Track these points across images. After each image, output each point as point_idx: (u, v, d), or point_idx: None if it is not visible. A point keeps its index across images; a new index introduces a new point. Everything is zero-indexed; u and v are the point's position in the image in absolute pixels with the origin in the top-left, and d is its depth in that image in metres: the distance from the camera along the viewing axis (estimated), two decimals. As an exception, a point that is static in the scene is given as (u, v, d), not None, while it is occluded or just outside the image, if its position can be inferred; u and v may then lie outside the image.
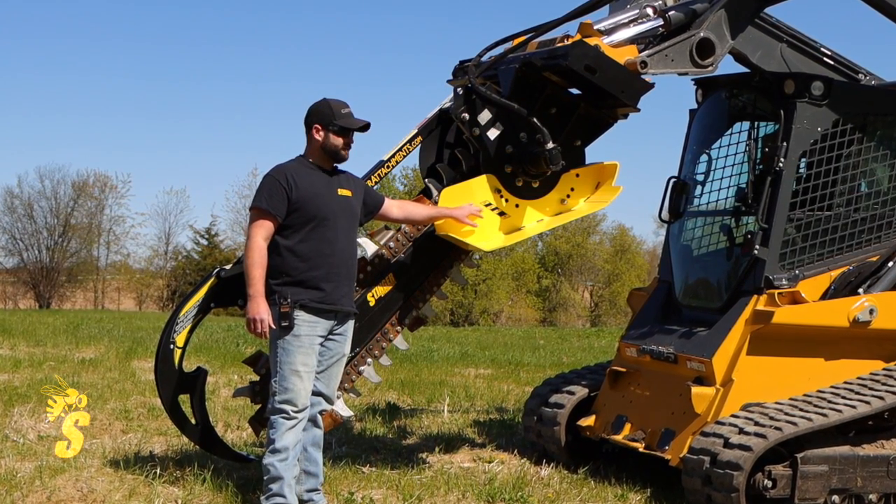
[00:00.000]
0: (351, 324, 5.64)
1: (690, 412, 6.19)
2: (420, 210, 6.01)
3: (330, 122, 5.49)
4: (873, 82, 7.05)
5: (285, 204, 5.38)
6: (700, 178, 6.96)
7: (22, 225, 44.32)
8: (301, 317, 5.37)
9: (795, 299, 6.28)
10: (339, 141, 5.51)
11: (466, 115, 5.99)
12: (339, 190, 5.55)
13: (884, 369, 6.49)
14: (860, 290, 6.40)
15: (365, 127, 5.57)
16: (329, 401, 5.64)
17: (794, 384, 6.29)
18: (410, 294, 6.30)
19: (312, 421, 5.57)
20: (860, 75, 7.00)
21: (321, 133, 5.51)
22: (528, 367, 14.13)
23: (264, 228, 5.38)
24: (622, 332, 7.35)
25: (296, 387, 5.36)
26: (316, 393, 5.54)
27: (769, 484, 5.76)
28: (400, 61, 77.44)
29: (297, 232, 5.41)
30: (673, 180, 7.01)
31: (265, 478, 5.39)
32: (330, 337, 5.52)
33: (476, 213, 5.96)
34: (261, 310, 5.31)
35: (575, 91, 6.17)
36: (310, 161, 5.56)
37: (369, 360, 6.26)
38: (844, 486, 5.95)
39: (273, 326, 5.33)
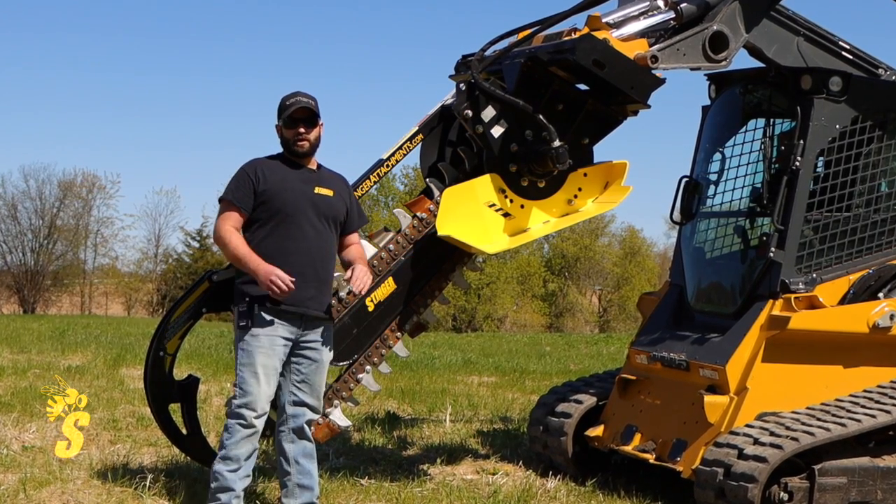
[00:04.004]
0: (325, 328, 5.43)
1: (703, 422, 6.08)
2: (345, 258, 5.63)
3: (280, 115, 5.38)
4: (894, 77, 6.91)
5: (251, 197, 5.27)
6: (713, 177, 6.86)
7: (5, 226, 43.51)
8: (260, 317, 5.21)
9: (812, 304, 6.18)
10: (289, 133, 5.36)
11: (469, 112, 5.86)
12: (316, 188, 5.37)
13: (905, 377, 6.36)
14: (880, 295, 6.28)
15: (303, 110, 5.32)
16: (314, 410, 5.45)
17: (811, 392, 6.19)
18: (411, 299, 6.15)
19: (298, 432, 5.39)
20: (880, 70, 6.86)
21: (279, 128, 5.41)
22: (533, 375, 14.01)
23: (231, 219, 5.27)
24: (632, 338, 7.26)
25: (254, 390, 5.21)
26: (299, 403, 5.37)
27: (785, 497, 5.67)
28: (400, 56, 77.16)
29: (262, 227, 5.28)
30: (685, 180, 6.91)
31: (213, 485, 5.25)
32: (302, 345, 5.34)
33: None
34: (267, 270, 5.10)
35: (583, 87, 6.06)
36: (285, 157, 5.44)
37: (368, 367, 6.11)
38: (864, 499, 5.85)
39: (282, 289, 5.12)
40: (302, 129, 5.32)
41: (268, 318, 5.22)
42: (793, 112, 6.30)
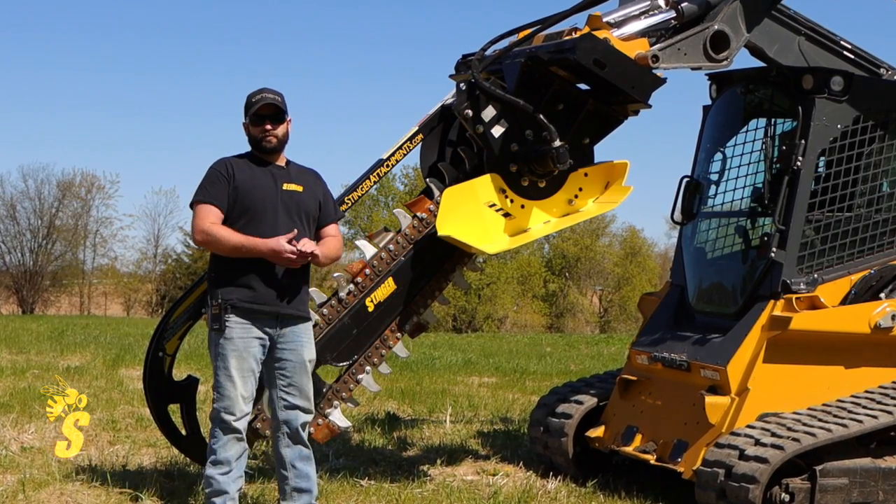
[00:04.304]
0: (303, 327, 5.35)
1: (704, 422, 6.05)
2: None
3: (246, 112, 5.33)
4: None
5: (226, 194, 5.22)
6: (714, 177, 6.82)
7: (4, 226, 43.26)
8: (232, 318, 5.17)
9: (814, 304, 6.13)
10: (256, 130, 5.31)
11: (470, 112, 5.84)
12: (285, 184, 5.32)
13: (906, 378, 6.32)
14: (882, 295, 6.24)
15: (268, 107, 5.28)
16: (306, 411, 5.38)
17: (812, 393, 6.15)
18: (411, 299, 6.12)
19: (292, 437, 5.33)
20: (882, 70, 6.82)
21: (246, 126, 5.35)
22: (534, 376, 13.97)
23: (211, 216, 5.20)
24: (632, 338, 7.23)
25: (230, 393, 5.17)
26: (290, 407, 5.31)
27: (787, 498, 5.63)
28: (400, 55, 77.00)
29: (233, 225, 5.21)
30: (686, 180, 6.87)
31: (206, 490, 5.22)
32: (280, 346, 5.27)
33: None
34: (272, 245, 5.08)
35: (583, 86, 6.04)
36: (253, 155, 5.39)
37: (368, 368, 6.08)
38: (865, 500, 5.81)
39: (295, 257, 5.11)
40: (269, 126, 5.27)
41: (239, 319, 5.17)
42: (794, 112, 6.26)
